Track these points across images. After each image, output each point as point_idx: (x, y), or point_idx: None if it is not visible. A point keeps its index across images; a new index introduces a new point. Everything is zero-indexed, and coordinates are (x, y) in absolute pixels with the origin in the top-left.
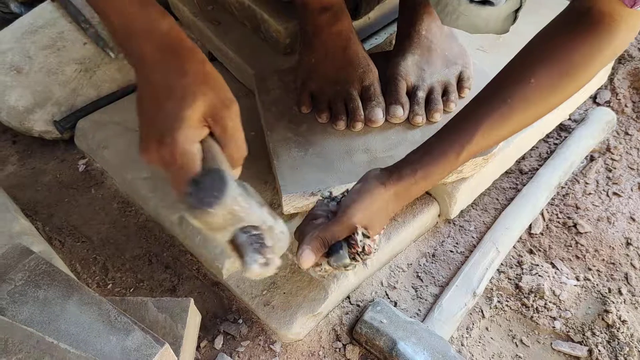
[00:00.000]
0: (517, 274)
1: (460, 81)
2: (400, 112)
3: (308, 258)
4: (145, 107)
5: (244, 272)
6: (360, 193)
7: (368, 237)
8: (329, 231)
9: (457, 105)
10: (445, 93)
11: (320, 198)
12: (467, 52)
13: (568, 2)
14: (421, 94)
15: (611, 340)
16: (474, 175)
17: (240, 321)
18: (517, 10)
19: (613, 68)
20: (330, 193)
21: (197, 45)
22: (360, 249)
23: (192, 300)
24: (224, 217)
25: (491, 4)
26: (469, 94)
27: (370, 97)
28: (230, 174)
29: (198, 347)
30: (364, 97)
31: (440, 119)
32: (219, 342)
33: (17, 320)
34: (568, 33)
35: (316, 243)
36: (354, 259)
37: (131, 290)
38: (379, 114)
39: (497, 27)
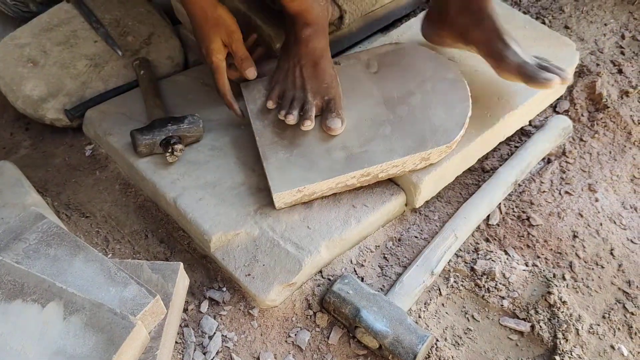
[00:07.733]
0: (472, 259)
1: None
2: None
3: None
4: (197, 36)
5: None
6: None
7: None
8: None
9: None
10: None
11: None
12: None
13: (531, 19)
14: None
15: (552, 318)
16: (437, 169)
17: (224, 289)
18: None
19: (573, 81)
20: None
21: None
22: None
23: (181, 264)
24: None
25: None
26: None
27: (331, 109)
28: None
29: (186, 309)
30: (325, 108)
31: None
32: (204, 307)
33: None
34: None
35: None
36: None
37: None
38: (337, 124)
39: None
